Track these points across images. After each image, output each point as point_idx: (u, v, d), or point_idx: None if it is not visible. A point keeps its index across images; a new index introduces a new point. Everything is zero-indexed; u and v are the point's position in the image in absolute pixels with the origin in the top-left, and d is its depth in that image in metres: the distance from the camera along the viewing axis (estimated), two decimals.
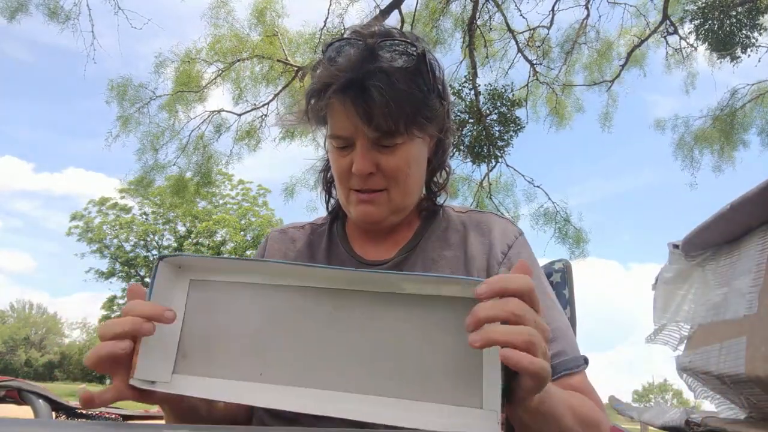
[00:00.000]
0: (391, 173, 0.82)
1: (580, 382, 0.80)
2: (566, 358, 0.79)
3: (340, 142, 0.82)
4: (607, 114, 10.38)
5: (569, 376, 0.79)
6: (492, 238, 0.89)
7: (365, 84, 0.74)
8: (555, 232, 9.99)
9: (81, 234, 25.71)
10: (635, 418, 1.74)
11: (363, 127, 0.77)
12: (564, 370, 0.79)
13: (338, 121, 0.80)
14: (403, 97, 0.76)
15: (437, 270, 0.86)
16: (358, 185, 0.83)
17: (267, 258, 0.96)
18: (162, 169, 9.92)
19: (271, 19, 9.62)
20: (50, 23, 8.71)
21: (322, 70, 0.79)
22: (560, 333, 0.82)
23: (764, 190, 0.97)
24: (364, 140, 0.79)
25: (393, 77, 0.75)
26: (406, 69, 0.77)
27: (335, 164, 0.85)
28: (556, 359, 0.78)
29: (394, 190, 0.83)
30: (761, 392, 0.99)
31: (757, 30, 8.16)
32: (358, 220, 0.87)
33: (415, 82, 0.78)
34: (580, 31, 9.71)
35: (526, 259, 0.88)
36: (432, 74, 0.81)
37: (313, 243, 0.96)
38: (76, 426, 0.48)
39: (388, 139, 0.79)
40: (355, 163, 0.80)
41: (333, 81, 0.77)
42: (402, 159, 0.81)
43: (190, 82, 9.56)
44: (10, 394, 1.84)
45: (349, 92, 0.76)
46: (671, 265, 1.42)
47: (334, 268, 0.63)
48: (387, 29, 0.82)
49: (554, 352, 0.79)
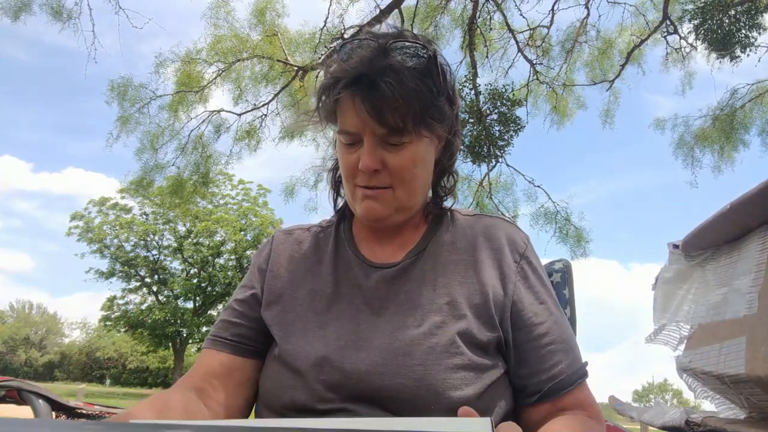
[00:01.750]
0: (397, 171, 0.82)
1: (579, 395, 0.81)
2: (565, 376, 0.81)
3: (348, 138, 0.83)
4: (608, 111, 10.39)
5: (569, 393, 0.81)
6: (501, 244, 0.89)
7: (375, 80, 0.76)
8: (555, 232, 10.00)
9: (81, 234, 25.71)
10: (635, 418, 1.74)
11: (371, 123, 0.78)
12: (565, 387, 0.81)
13: (347, 117, 0.81)
14: (412, 96, 0.77)
15: (446, 275, 0.86)
16: (364, 182, 0.83)
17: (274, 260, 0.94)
18: (161, 169, 9.93)
19: (271, 19, 9.62)
20: (51, 23, 8.72)
21: (335, 66, 0.81)
22: (562, 346, 0.83)
23: (764, 190, 0.97)
24: (372, 137, 0.80)
25: (403, 75, 0.76)
26: (416, 69, 0.79)
27: (343, 160, 0.85)
28: (556, 379, 0.80)
29: (400, 188, 0.84)
30: (761, 392, 0.99)
31: (756, 29, 8.16)
32: (363, 216, 0.87)
33: (425, 83, 0.79)
34: (580, 30, 9.72)
35: (536, 265, 0.90)
36: (443, 77, 0.83)
37: (320, 245, 0.96)
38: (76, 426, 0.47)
39: (395, 137, 0.80)
40: (362, 160, 0.81)
41: (344, 76, 0.78)
42: (408, 158, 0.82)
43: (191, 82, 9.56)
44: (10, 394, 1.84)
45: (359, 87, 0.77)
46: (671, 265, 1.42)
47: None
48: (400, 31, 0.84)
49: (555, 372, 0.80)
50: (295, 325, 0.86)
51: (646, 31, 9.64)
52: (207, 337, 0.92)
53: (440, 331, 0.79)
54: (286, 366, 0.82)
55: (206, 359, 0.88)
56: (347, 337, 0.82)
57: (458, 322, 0.80)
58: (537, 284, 0.87)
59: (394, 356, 0.77)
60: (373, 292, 0.85)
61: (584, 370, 0.84)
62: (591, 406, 0.82)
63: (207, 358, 0.88)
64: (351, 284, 0.87)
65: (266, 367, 0.87)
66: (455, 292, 0.83)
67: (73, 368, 45.35)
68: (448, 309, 0.81)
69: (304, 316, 0.87)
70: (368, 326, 0.82)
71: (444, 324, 0.80)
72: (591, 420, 0.79)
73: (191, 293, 27.05)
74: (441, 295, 0.83)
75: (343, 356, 0.79)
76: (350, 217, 0.98)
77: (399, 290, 0.85)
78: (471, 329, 0.79)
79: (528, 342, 0.83)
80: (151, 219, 26.72)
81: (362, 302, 0.85)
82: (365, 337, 0.81)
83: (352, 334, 0.82)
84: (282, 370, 0.83)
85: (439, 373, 0.76)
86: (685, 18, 8.68)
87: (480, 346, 0.80)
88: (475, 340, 0.79)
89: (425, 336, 0.78)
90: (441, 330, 0.80)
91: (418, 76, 0.78)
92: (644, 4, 9.64)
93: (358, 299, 0.86)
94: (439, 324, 0.80)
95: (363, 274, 0.87)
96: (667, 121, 10.51)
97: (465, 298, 0.82)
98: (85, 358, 45.15)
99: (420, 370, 0.75)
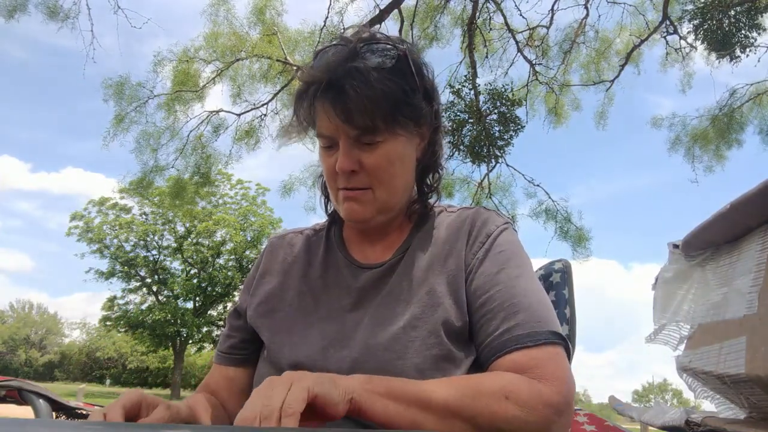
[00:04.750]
0: (374, 171, 0.83)
1: (529, 358, 0.72)
2: (519, 333, 0.74)
3: (325, 141, 0.85)
4: (602, 113, 10.39)
5: (517, 351, 0.73)
6: (474, 228, 0.89)
7: (341, 83, 0.77)
8: (555, 232, 10.00)
9: (81, 234, 25.71)
10: (635, 418, 1.74)
11: (342, 126, 0.80)
12: (512, 345, 0.74)
13: (322, 121, 0.83)
14: (380, 96, 0.78)
15: (427, 267, 0.86)
16: (343, 183, 0.85)
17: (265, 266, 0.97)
18: (161, 170, 9.91)
19: (270, 17, 9.60)
20: (50, 22, 8.70)
21: (304, 73, 0.83)
22: (522, 306, 0.77)
23: (764, 190, 0.97)
24: (346, 139, 0.82)
25: (369, 76, 0.77)
26: (385, 69, 0.80)
27: (323, 164, 0.87)
28: (506, 335, 0.75)
29: (379, 188, 0.85)
30: (761, 392, 0.99)
31: (755, 30, 8.16)
32: (346, 218, 0.88)
33: (395, 81, 0.80)
34: (579, 31, 9.72)
35: (502, 243, 0.86)
36: (418, 75, 0.84)
37: (311, 247, 0.98)
38: (76, 426, 0.47)
39: (368, 136, 0.81)
40: (338, 161, 0.82)
41: (312, 81, 0.80)
42: (383, 156, 0.83)
43: (188, 81, 9.54)
44: (11, 393, 1.84)
45: (328, 93, 0.79)
46: (671, 265, 1.42)
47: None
48: (372, 33, 0.85)
49: (507, 326, 0.76)
50: (282, 326, 0.88)
51: (646, 32, 9.64)
52: (217, 351, 1.00)
53: (421, 323, 0.80)
54: (274, 366, 0.84)
55: (212, 374, 0.98)
56: (331, 336, 0.83)
57: (437, 311, 0.80)
58: (497, 258, 0.83)
59: (374, 352, 0.78)
60: (360, 292, 0.86)
61: (535, 337, 0.74)
62: (537, 370, 0.71)
63: (213, 373, 0.98)
64: (340, 286, 0.89)
65: (257, 368, 0.91)
66: (434, 281, 0.83)
67: (73, 368, 45.34)
68: (428, 299, 0.81)
69: (293, 317, 0.88)
70: (352, 325, 0.83)
71: (424, 315, 0.80)
72: (507, 379, 0.70)
73: (191, 293, 27.04)
74: (422, 287, 0.83)
75: (327, 356, 0.80)
76: (341, 220, 0.99)
77: (383, 288, 0.86)
78: (450, 318, 0.79)
79: (475, 313, 0.80)
80: (150, 219, 26.72)
81: (349, 303, 0.86)
82: (349, 335, 0.82)
83: (337, 333, 0.83)
84: (270, 371, 0.84)
85: (418, 365, 0.76)
86: (685, 18, 8.68)
87: (458, 333, 0.80)
88: (454, 328, 0.79)
89: (405, 330, 0.79)
90: (421, 322, 0.80)
91: (387, 75, 0.79)
92: (644, 4, 9.65)
93: (345, 300, 0.87)
94: (419, 315, 0.80)
95: (351, 275, 0.89)
96: (664, 120, 10.52)
97: (443, 287, 0.83)
98: (85, 358, 45.14)
99: (400, 364, 0.76)
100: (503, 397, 0.67)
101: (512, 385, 0.69)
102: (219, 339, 1.00)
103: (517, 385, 0.69)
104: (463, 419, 0.66)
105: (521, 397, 0.67)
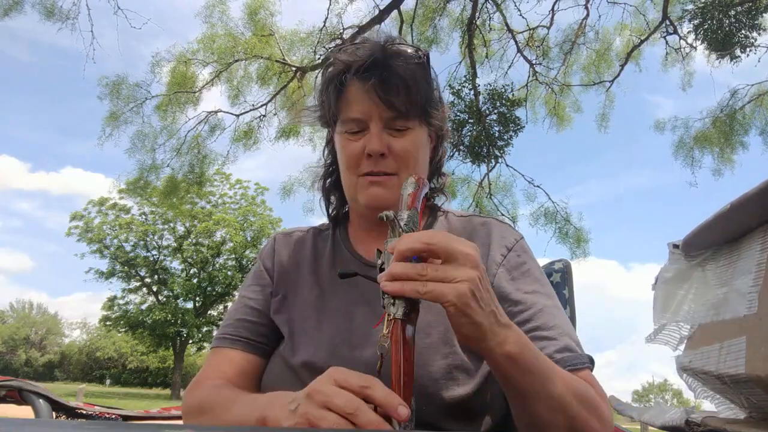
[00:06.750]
0: (402, 156, 0.85)
1: (584, 377, 0.77)
2: (569, 354, 0.78)
3: (353, 126, 0.85)
4: (604, 115, 10.38)
5: (573, 372, 0.77)
6: (490, 241, 0.89)
7: (389, 63, 0.81)
8: (555, 232, 9.99)
9: (81, 234, 25.72)
10: (635, 418, 1.74)
11: (380, 106, 0.82)
12: (567, 365, 0.77)
13: (354, 104, 0.84)
14: (421, 79, 0.83)
15: None
16: (369, 168, 0.85)
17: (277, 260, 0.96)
18: (156, 170, 9.89)
19: (265, 18, 9.58)
20: (50, 22, 8.69)
21: (344, 55, 0.84)
22: (565, 332, 0.81)
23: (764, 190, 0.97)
24: (379, 122, 0.84)
25: (410, 61, 0.83)
26: (419, 62, 0.84)
27: (346, 150, 0.86)
28: (558, 355, 0.77)
29: (405, 174, 0.84)
30: (761, 392, 0.99)
31: (756, 30, 8.16)
32: (368, 203, 0.87)
33: (425, 75, 0.85)
34: (579, 31, 9.71)
35: (527, 263, 0.88)
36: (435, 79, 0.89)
37: (318, 246, 0.98)
38: (76, 426, 0.47)
39: (400, 121, 0.84)
40: (370, 144, 0.83)
41: (355, 60, 0.82)
42: (411, 143, 0.85)
43: (185, 82, 9.53)
44: (11, 393, 1.84)
45: (371, 70, 0.81)
46: (671, 265, 1.42)
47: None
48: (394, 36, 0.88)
49: (557, 348, 0.78)
50: (294, 323, 0.88)
51: (646, 31, 9.63)
52: (222, 334, 0.90)
53: (433, 330, 0.80)
54: (285, 363, 0.84)
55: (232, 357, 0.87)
56: (343, 335, 0.83)
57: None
58: (523, 275, 0.86)
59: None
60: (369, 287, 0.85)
61: (590, 358, 0.81)
62: (596, 387, 0.76)
63: (234, 357, 0.87)
64: (348, 283, 0.88)
65: (270, 362, 0.89)
66: None
67: (73, 368, 45.34)
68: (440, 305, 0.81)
69: (303, 314, 0.88)
70: (363, 323, 0.83)
71: (436, 322, 0.80)
72: (595, 391, 0.74)
73: (191, 293, 27.04)
74: None
75: (338, 356, 0.80)
76: (345, 220, 1.00)
77: None
78: None
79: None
80: (150, 219, 26.72)
81: (359, 299, 0.86)
82: (360, 334, 0.82)
83: (347, 332, 0.83)
84: (282, 367, 0.84)
85: (431, 374, 0.76)
86: (685, 18, 8.68)
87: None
88: None
89: (418, 335, 0.78)
90: (434, 328, 0.80)
91: (420, 69, 0.84)
92: (644, 4, 9.64)
93: (355, 295, 0.87)
94: (431, 322, 0.80)
95: (359, 271, 0.88)
96: (667, 123, 10.51)
97: None
98: (85, 358, 45.14)
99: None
100: (594, 408, 0.70)
101: (596, 401, 0.71)
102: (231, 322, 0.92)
103: (600, 402, 0.72)
104: (565, 417, 0.67)
105: (604, 414, 0.71)
